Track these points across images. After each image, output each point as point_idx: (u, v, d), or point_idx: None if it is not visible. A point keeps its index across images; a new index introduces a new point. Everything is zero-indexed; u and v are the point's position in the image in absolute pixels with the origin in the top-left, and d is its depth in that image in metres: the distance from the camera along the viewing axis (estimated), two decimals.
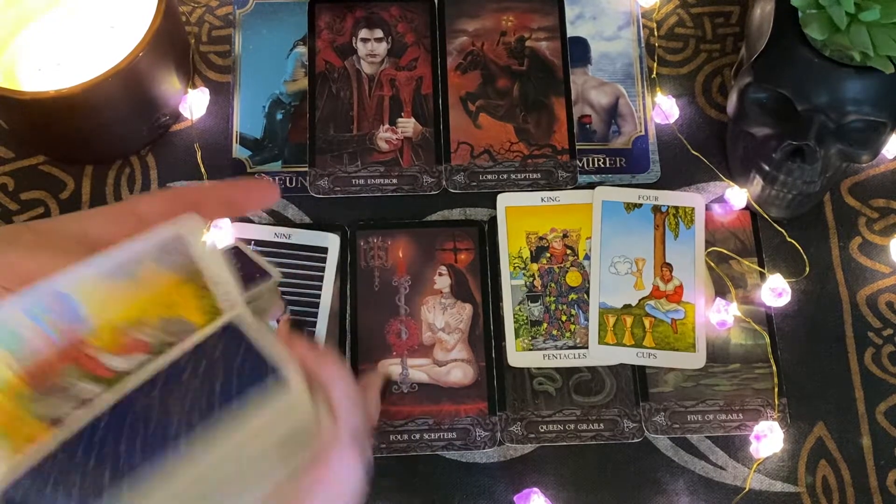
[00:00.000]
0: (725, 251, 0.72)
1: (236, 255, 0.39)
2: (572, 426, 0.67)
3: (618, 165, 0.75)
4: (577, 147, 0.75)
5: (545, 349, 0.69)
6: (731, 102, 0.70)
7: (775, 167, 0.67)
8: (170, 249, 0.35)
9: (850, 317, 0.71)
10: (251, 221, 0.72)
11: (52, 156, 0.74)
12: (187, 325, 0.34)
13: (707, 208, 0.73)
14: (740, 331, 0.70)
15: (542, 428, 0.67)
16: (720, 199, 0.74)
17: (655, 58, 0.78)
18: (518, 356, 0.69)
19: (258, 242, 0.71)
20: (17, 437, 0.32)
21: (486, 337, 0.70)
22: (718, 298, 0.70)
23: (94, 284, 0.35)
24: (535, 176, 0.74)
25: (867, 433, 0.68)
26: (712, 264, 0.72)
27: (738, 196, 0.72)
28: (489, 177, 0.74)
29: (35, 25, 0.74)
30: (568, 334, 0.70)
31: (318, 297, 0.70)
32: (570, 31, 0.79)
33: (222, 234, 0.70)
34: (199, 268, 0.35)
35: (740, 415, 0.67)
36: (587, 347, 0.69)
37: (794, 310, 0.70)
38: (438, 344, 0.69)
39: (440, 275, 0.71)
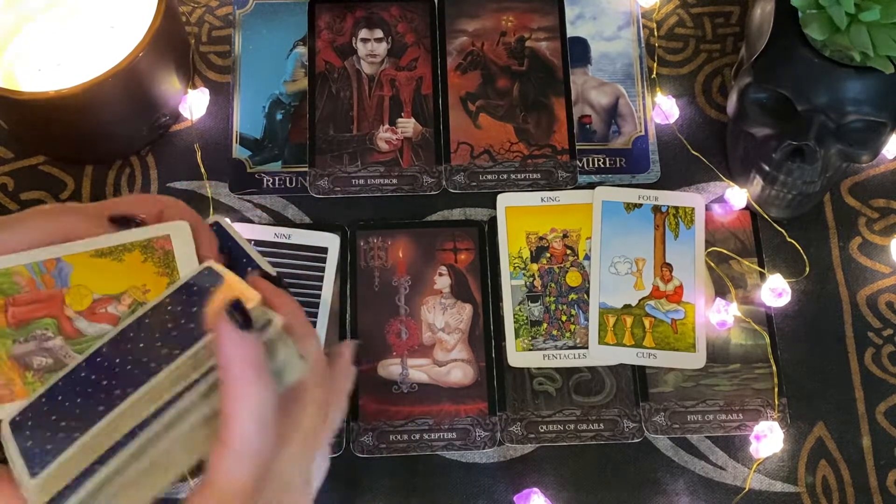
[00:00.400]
0: (725, 251, 0.72)
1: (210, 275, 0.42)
2: (572, 426, 0.67)
3: (618, 165, 0.75)
4: (577, 147, 0.75)
5: (545, 349, 0.69)
6: (731, 102, 0.70)
7: (775, 167, 0.67)
8: (156, 245, 0.41)
9: (850, 317, 0.71)
10: (251, 221, 0.72)
11: (52, 156, 0.74)
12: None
13: (707, 208, 0.73)
14: (740, 331, 0.70)
15: (542, 428, 0.67)
16: (720, 199, 0.74)
17: (655, 58, 0.78)
18: (518, 356, 0.69)
19: (258, 242, 0.71)
20: None
21: (486, 337, 0.70)
22: (718, 298, 0.70)
23: (88, 258, 0.42)
24: (535, 176, 0.74)
25: (867, 433, 0.68)
26: (712, 264, 0.72)
27: (738, 196, 0.72)
28: (489, 177, 0.74)
29: (35, 26, 0.74)
30: (568, 334, 0.70)
31: (318, 297, 0.70)
32: (570, 31, 0.79)
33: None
34: (176, 266, 0.42)
35: (740, 415, 0.67)
36: (587, 347, 0.69)
37: (794, 310, 0.70)
38: (438, 344, 0.69)
39: (440, 275, 0.71)
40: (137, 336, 0.38)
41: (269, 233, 0.71)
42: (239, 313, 0.38)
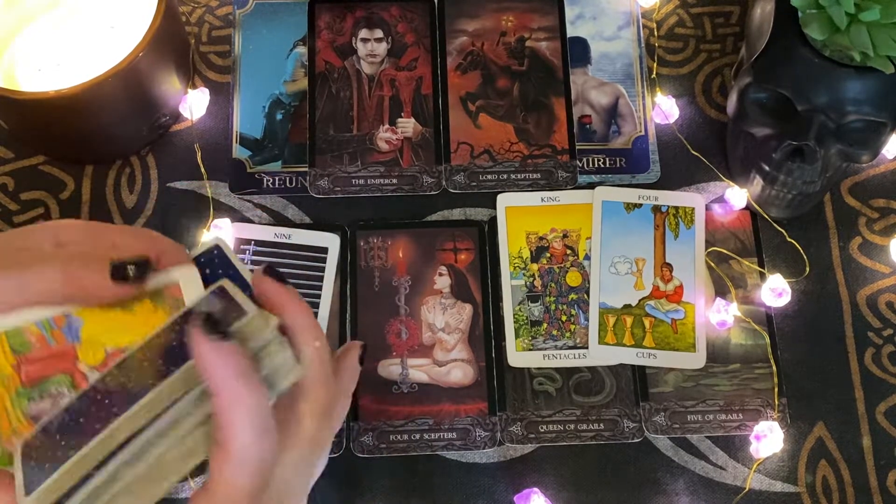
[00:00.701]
0: (725, 251, 0.72)
1: (220, 295, 0.41)
2: (572, 426, 0.67)
3: (618, 165, 0.75)
4: (577, 147, 0.75)
5: (545, 349, 0.69)
6: (731, 102, 0.70)
7: (775, 167, 0.67)
8: (166, 293, 0.41)
9: (850, 317, 0.71)
10: (251, 221, 0.72)
11: (52, 156, 0.74)
12: None
13: (707, 208, 0.73)
14: (740, 331, 0.70)
15: (542, 428, 0.67)
16: (720, 199, 0.74)
17: (655, 58, 0.78)
18: (518, 356, 0.69)
19: (258, 242, 0.71)
20: (3, 426, 0.40)
21: (486, 337, 0.70)
22: (718, 298, 0.70)
23: (98, 311, 0.41)
24: (535, 176, 0.74)
25: (867, 433, 0.68)
26: (712, 264, 0.72)
27: (738, 196, 0.72)
28: (489, 177, 0.74)
29: (35, 26, 0.74)
30: (568, 334, 0.70)
31: (319, 297, 0.70)
32: (570, 31, 0.79)
33: (222, 233, 0.70)
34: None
35: (740, 415, 0.67)
36: (587, 347, 0.69)
37: (794, 310, 0.70)
38: (438, 344, 0.69)
39: (440, 275, 0.71)
40: (138, 360, 0.39)
41: (269, 233, 0.71)
42: (211, 324, 0.37)
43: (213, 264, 0.44)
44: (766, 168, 0.68)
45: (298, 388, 0.42)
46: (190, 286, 0.41)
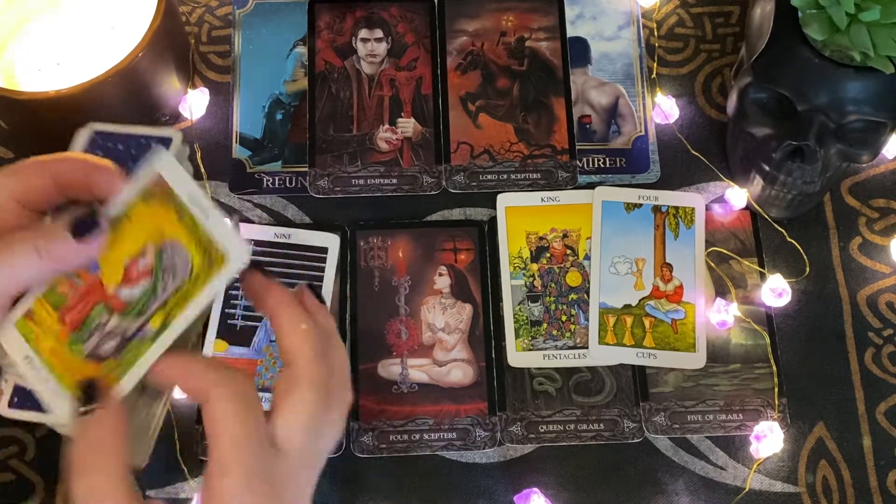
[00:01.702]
0: (725, 251, 0.72)
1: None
2: (572, 426, 0.67)
3: (618, 165, 0.75)
4: (577, 147, 0.75)
5: (545, 349, 0.69)
6: (731, 102, 0.70)
7: (775, 167, 0.67)
8: (151, 187, 0.43)
9: (851, 317, 0.71)
10: (251, 221, 0.72)
11: None
12: (176, 246, 0.43)
13: (707, 208, 0.73)
14: (740, 331, 0.70)
15: (542, 428, 0.67)
16: (720, 199, 0.74)
17: (655, 58, 0.78)
18: (518, 356, 0.69)
19: (258, 242, 0.71)
20: (70, 376, 0.43)
21: (486, 337, 0.70)
22: (718, 298, 0.70)
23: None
24: (534, 176, 0.74)
25: (867, 433, 0.68)
26: (712, 264, 0.72)
27: (738, 196, 0.72)
28: (489, 177, 0.74)
29: (35, 25, 0.74)
30: (568, 334, 0.70)
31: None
32: (570, 31, 0.79)
33: None
34: (175, 193, 0.43)
35: (740, 415, 0.67)
36: (587, 347, 0.69)
37: (795, 310, 0.70)
38: (438, 344, 0.69)
39: (440, 275, 0.71)
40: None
41: (269, 233, 0.71)
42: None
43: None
44: (766, 168, 0.68)
45: (292, 372, 0.43)
46: (168, 170, 0.43)
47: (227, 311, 0.69)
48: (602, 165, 0.75)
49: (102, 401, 0.41)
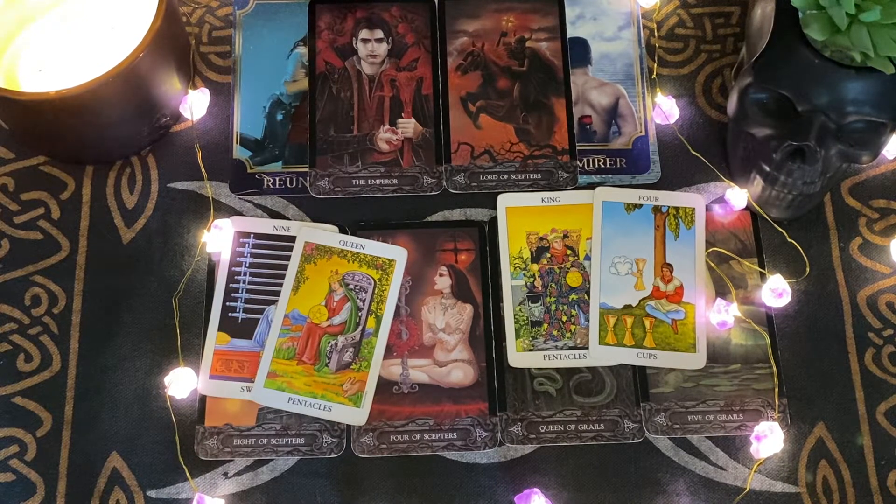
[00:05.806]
0: (726, 252, 0.72)
1: None
2: (573, 427, 0.67)
3: (618, 166, 0.75)
4: (578, 147, 0.75)
5: (546, 350, 0.69)
6: (732, 103, 0.70)
7: (776, 168, 0.67)
8: (307, 253, 0.63)
9: (851, 317, 0.71)
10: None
11: (52, 156, 0.74)
12: (354, 273, 0.68)
13: (707, 209, 0.73)
14: (741, 331, 0.70)
15: (542, 428, 0.67)
16: (720, 200, 0.74)
17: (656, 58, 0.78)
18: (518, 357, 0.69)
19: (257, 235, 0.71)
20: (331, 391, 0.66)
21: (486, 337, 0.70)
22: (719, 299, 0.70)
23: (293, 298, 0.65)
24: (535, 176, 0.74)
25: (867, 433, 0.68)
26: (713, 265, 0.72)
27: (738, 196, 0.72)
28: (489, 177, 0.74)
29: (35, 26, 0.74)
30: (568, 335, 0.70)
31: None
32: (571, 32, 0.79)
33: (223, 233, 0.70)
34: (326, 246, 0.70)
35: (741, 415, 0.67)
36: (587, 348, 0.69)
37: (795, 310, 0.70)
38: (439, 344, 0.69)
39: (441, 275, 0.71)
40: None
41: (268, 225, 0.71)
42: None
43: None
44: (767, 168, 0.68)
45: None
46: (314, 236, 0.70)
47: (228, 304, 0.69)
48: (602, 166, 0.75)
49: None
